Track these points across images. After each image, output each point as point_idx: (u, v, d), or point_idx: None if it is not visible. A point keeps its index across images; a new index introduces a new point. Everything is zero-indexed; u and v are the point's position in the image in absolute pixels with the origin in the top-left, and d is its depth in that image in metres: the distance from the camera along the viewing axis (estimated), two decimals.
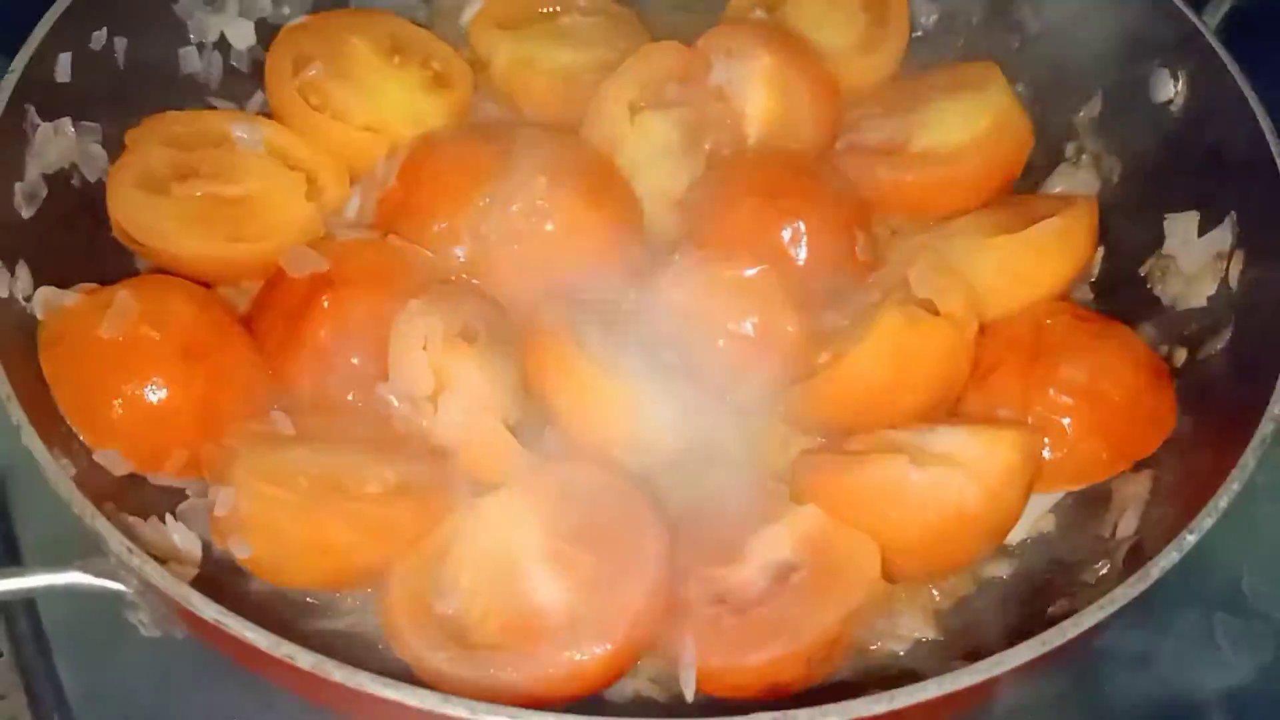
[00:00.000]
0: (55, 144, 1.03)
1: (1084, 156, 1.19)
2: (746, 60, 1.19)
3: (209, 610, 0.76)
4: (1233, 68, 1.04)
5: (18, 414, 0.84)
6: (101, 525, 0.80)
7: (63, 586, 0.83)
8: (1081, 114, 1.20)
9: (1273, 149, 1.00)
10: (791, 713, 0.70)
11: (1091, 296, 1.15)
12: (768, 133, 1.19)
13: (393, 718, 0.76)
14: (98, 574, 0.83)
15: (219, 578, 0.88)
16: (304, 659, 0.75)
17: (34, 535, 1.06)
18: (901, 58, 1.27)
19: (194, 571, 0.86)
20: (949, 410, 1.03)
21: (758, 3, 1.30)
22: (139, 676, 0.98)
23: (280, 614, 0.88)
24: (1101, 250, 1.14)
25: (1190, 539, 0.81)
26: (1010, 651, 0.74)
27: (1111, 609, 0.76)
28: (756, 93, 1.18)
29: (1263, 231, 1.00)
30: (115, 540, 0.80)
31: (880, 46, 1.27)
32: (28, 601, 1.03)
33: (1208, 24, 1.09)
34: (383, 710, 0.74)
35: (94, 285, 0.98)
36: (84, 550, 0.83)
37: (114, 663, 0.99)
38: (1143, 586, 0.78)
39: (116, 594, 0.84)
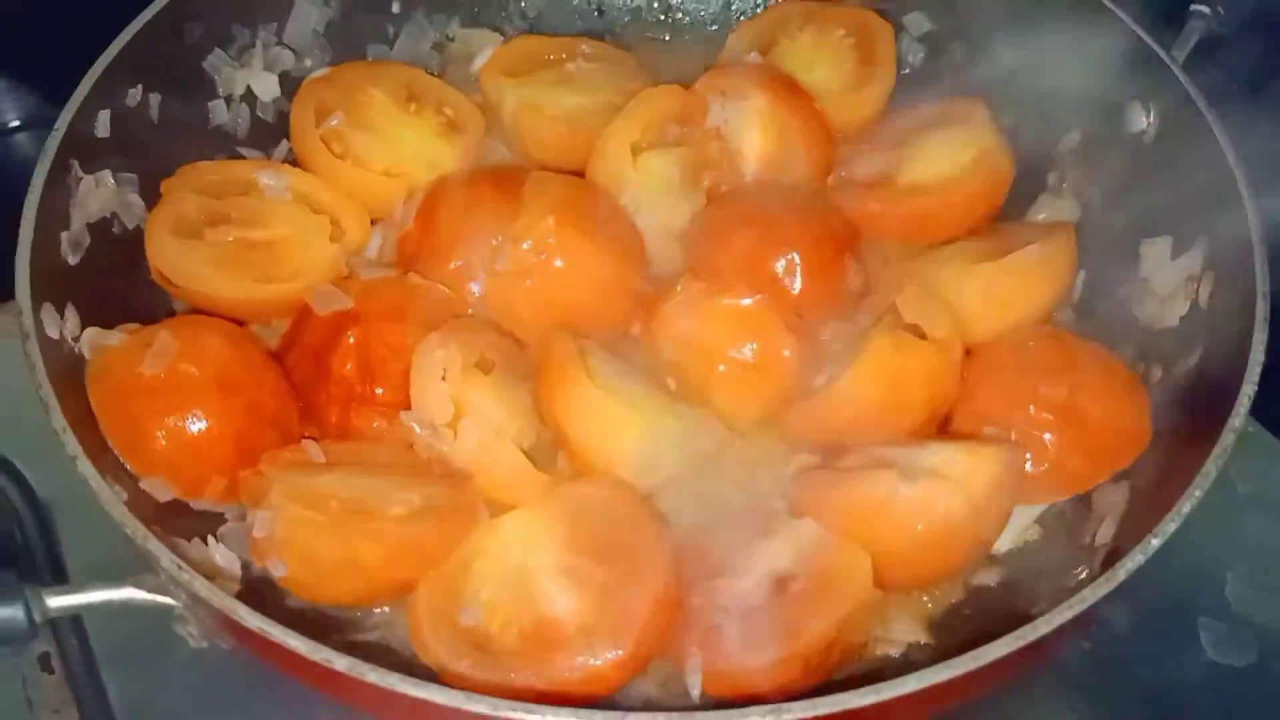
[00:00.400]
0: (97, 195, 1.11)
1: (1064, 185, 1.26)
2: (742, 100, 1.27)
3: (253, 620, 0.83)
4: (1198, 99, 1.12)
5: (73, 445, 0.91)
6: (153, 545, 0.87)
7: (119, 602, 0.91)
8: (1061, 145, 1.27)
9: (1236, 175, 1.07)
10: (785, 705, 0.77)
11: (1074, 318, 1.22)
12: (763, 169, 1.27)
13: (421, 716, 0.83)
14: (150, 590, 0.91)
15: (258, 593, 0.96)
16: (340, 662, 0.82)
17: (80, 560, 1.14)
18: (889, 95, 1.35)
19: (236, 587, 0.94)
20: (937, 427, 1.10)
21: (752, 46, 1.38)
22: (183, 691, 1.07)
23: (315, 627, 0.95)
24: (1082, 274, 1.21)
25: (1155, 543, 0.87)
26: (986, 648, 0.81)
27: (1080, 608, 0.83)
28: (752, 131, 1.26)
29: (1229, 254, 1.07)
30: (166, 558, 0.87)
31: (869, 85, 1.34)
32: (75, 621, 1.11)
33: (1176, 57, 1.17)
34: (412, 709, 0.81)
35: (136, 325, 1.07)
36: (132, 571, 0.91)
37: (159, 678, 1.07)
38: (1109, 587, 0.85)
39: (167, 608, 0.91)
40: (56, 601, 0.89)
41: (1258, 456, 1.23)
